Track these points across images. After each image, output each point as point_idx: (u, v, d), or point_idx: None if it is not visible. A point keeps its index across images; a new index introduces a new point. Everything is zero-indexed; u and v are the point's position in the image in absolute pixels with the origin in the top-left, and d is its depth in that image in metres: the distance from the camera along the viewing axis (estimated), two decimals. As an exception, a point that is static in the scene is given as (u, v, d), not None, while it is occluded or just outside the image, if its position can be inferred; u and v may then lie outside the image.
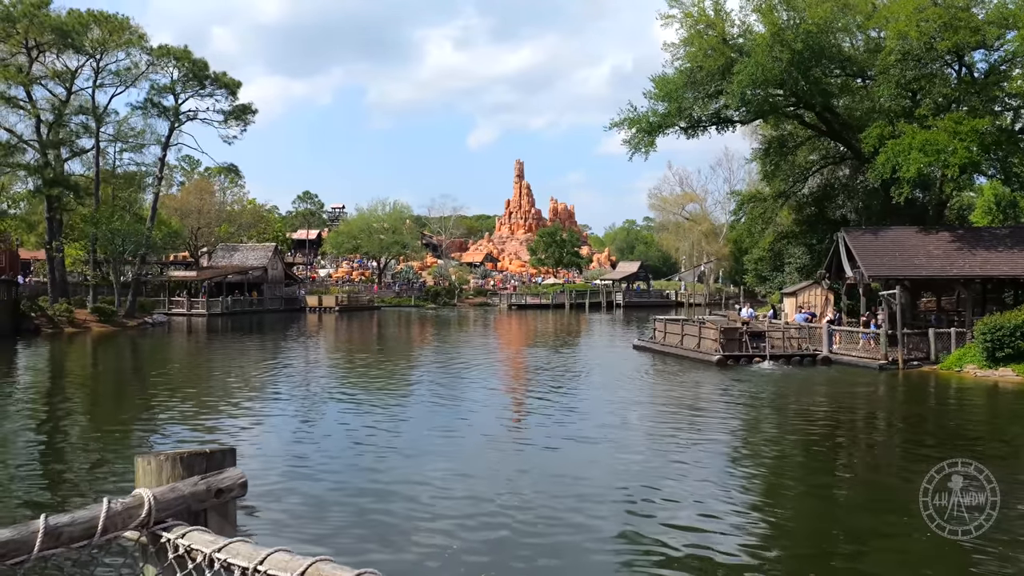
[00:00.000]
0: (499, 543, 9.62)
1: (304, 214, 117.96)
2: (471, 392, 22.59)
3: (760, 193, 44.96)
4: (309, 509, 10.97)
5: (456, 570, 8.70)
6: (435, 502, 11.15)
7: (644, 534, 9.93)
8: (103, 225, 48.52)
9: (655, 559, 9.13)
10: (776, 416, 18.99)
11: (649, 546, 9.52)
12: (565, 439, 15.68)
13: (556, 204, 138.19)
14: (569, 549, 9.51)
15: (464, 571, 8.66)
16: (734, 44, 33.83)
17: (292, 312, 70.15)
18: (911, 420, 19.14)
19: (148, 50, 50.68)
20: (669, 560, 9.09)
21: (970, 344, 26.69)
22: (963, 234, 31.19)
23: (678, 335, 32.45)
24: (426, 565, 8.89)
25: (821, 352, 28.93)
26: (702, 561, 9.08)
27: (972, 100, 30.95)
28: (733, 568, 8.88)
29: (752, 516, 10.81)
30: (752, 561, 9.10)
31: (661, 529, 10.05)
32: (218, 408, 19.57)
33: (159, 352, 36.62)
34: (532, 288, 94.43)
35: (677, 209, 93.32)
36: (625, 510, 10.91)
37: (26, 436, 16.38)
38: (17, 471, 13.19)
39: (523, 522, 10.29)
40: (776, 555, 9.53)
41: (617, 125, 36.46)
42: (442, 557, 9.06)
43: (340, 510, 10.94)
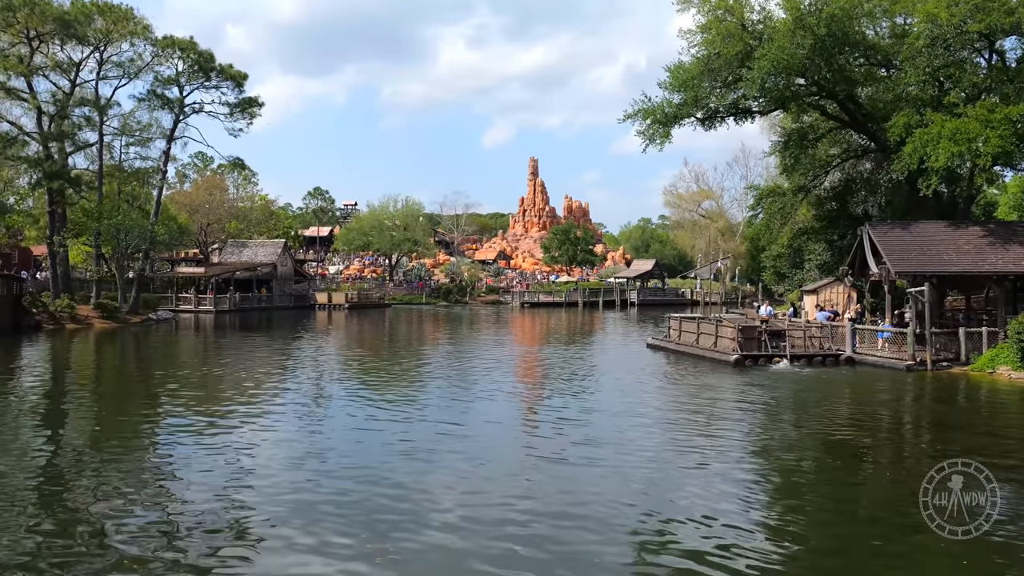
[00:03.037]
0: (507, 543, 8.74)
1: (316, 211, 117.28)
2: (481, 393, 21.39)
3: (779, 188, 43.54)
4: (311, 513, 10.29)
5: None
6: (443, 513, 10.36)
7: (655, 547, 9.01)
8: (105, 220, 47.78)
9: (666, 566, 8.36)
10: (797, 421, 17.66)
11: (660, 554, 8.56)
12: (575, 444, 14.48)
13: (571, 202, 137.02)
14: (578, 562, 8.44)
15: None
16: (753, 31, 32.48)
17: (301, 309, 69.41)
18: (943, 427, 17.73)
19: (153, 41, 49.90)
20: (682, 564, 7.99)
21: (1003, 344, 25.23)
22: (995, 229, 29.62)
23: (694, 334, 31.17)
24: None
25: (844, 352, 27.54)
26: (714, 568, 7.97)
27: (1005, 88, 29.45)
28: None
29: (765, 528, 9.60)
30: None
31: (672, 539, 9.22)
32: (213, 411, 18.52)
33: (159, 351, 35.73)
34: (545, 286, 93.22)
35: (693, 206, 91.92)
36: (636, 523, 9.91)
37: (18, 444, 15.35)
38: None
39: (531, 533, 9.43)
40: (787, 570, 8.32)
41: (631, 116, 35.16)
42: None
43: (343, 512, 10.31)
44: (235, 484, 11.77)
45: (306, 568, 8.54)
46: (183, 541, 9.33)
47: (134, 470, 12.79)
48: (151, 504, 10.82)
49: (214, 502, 10.81)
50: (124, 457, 13.66)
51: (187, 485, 11.74)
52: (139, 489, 11.55)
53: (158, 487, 11.79)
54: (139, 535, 9.50)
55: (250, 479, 12.07)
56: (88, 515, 10.38)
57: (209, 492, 11.29)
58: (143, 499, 11.04)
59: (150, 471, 12.79)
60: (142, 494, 11.29)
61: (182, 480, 12.08)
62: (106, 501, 10.96)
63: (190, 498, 11.07)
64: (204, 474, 12.29)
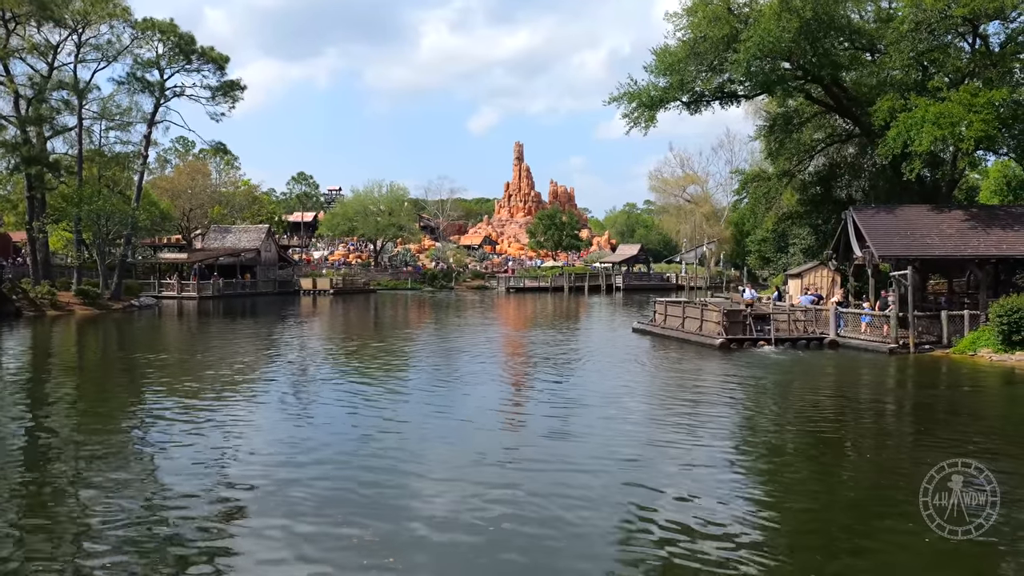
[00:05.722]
0: (492, 535, 8.56)
1: (300, 196, 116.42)
2: (466, 378, 21.37)
3: (764, 172, 43.60)
4: (300, 503, 10.10)
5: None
6: (429, 500, 10.30)
7: (638, 528, 9.11)
8: (86, 205, 47.15)
9: (648, 553, 8.37)
10: (782, 404, 17.78)
11: (643, 541, 8.55)
12: (560, 428, 14.48)
13: (556, 187, 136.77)
14: (559, 549, 8.40)
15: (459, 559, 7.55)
16: (739, 14, 32.37)
17: (286, 295, 69.00)
18: (924, 410, 17.91)
19: (132, 23, 49.12)
20: (662, 551, 8.17)
21: (984, 327, 25.52)
22: (977, 213, 29.83)
23: (679, 318, 31.27)
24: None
25: (828, 335, 27.74)
26: (698, 561, 8.01)
27: (988, 72, 29.57)
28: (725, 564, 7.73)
29: (751, 512, 9.66)
30: (749, 565, 7.94)
31: (654, 523, 9.22)
32: (196, 397, 18.38)
33: (142, 337, 35.45)
34: (531, 271, 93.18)
35: (678, 191, 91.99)
36: (621, 504, 9.96)
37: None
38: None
39: (518, 517, 9.38)
40: (774, 557, 8.35)
41: (617, 99, 35.02)
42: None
43: (324, 496, 10.23)
44: (217, 469, 11.70)
45: (288, 552, 8.49)
46: (163, 527, 9.24)
47: (115, 455, 12.65)
48: (131, 489, 10.70)
49: (196, 487, 10.72)
50: (106, 442, 13.51)
51: (167, 471, 11.64)
52: (120, 474, 11.44)
53: (139, 472, 11.68)
54: (120, 521, 9.39)
55: (234, 464, 12.00)
56: (69, 501, 10.28)
57: (191, 477, 11.21)
58: (124, 484, 10.93)
59: (132, 456, 12.66)
60: (123, 479, 11.18)
61: (162, 466, 11.97)
62: (86, 487, 10.86)
63: (169, 483, 10.99)
64: (186, 459, 12.19)
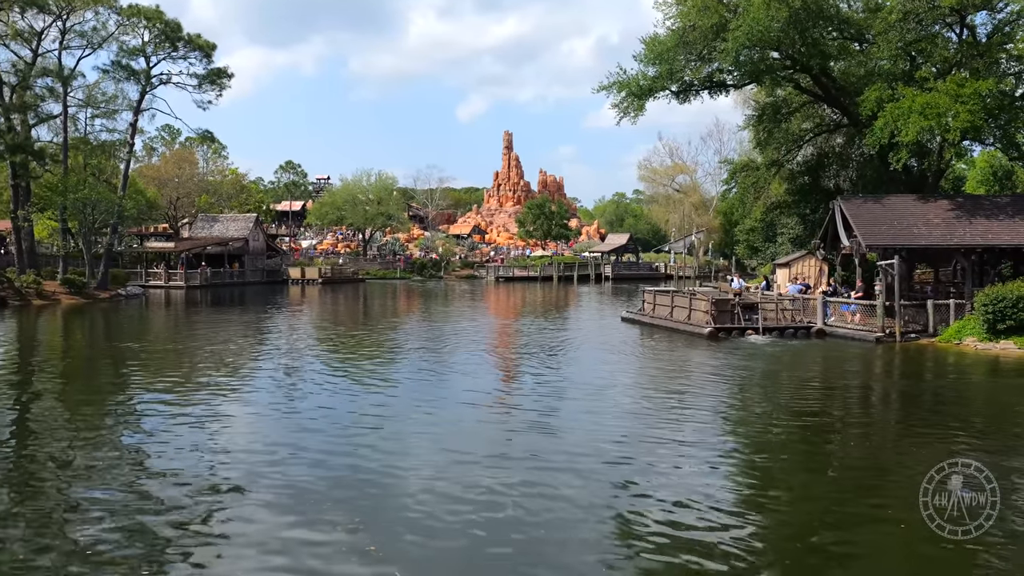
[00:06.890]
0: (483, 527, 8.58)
1: (288, 185, 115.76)
2: (454, 368, 21.42)
3: (752, 162, 43.75)
4: (290, 495, 10.05)
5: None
6: (419, 493, 10.28)
7: (625, 520, 9.10)
8: (71, 194, 46.75)
9: (635, 547, 8.32)
10: (769, 392, 17.90)
11: (630, 535, 8.60)
12: (548, 417, 14.55)
13: (545, 176, 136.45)
14: (550, 541, 8.45)
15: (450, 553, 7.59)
16: (729, 3, 32.34)
17: (274, 284, 68.75)
18: (910, 400, 18.09)
19: (117, 10, 48.56)
20: (646, 546, 8.19)
21: (969, 316, 25.75)
22: (963, 203, 30.04)
23: (668, 307, 31.38)
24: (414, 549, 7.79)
25: (816, 324, 27.92)
26: (687, 556, 8.04)
27: (975, 62, 29.72)
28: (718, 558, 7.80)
29: (740, 508, 9.75)
30: (740, 561, 8.03)
31: (641, 515, 9.21)
32: (183, 386, 18.32)
33: (128, 326, 35.27)
34: (520, 260, 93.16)
35: (667, 181, 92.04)
36: (609, 494, 10.00)
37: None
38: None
39: (508, 513, 9.34)
40: (765, 556, 8.44)
41: (606, 88, 34.97)
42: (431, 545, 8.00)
43: (321, 494, 10.09)
44: (200, 460, 11.68)
45: (271, 542, 8.50)
46: (150, 517, 9.24)
47: (102, 444, 12.63)
48: (118, 479, 10.69)
49: (178, 478, 10.71)
50: (92, 431, 13.48)
51: (150, 461, 11.61)
52: (107, 463, 11.42)
53: (127, 462, 11.65)
54: (108, 511, 9.38)
55: (218, 455, 11.99)
56: (55, 493, 10.25)
57: (174, 467, 11.19)
58: (111, 474, 10.92)
59: (119, 446, 12.62)
60: (110, 469, 11.17)
61: (145, 456, 11.91)
62: (73, 476, 10.84)
63: (151, 472, 11.00)
64: (174, 448, 12.18)
